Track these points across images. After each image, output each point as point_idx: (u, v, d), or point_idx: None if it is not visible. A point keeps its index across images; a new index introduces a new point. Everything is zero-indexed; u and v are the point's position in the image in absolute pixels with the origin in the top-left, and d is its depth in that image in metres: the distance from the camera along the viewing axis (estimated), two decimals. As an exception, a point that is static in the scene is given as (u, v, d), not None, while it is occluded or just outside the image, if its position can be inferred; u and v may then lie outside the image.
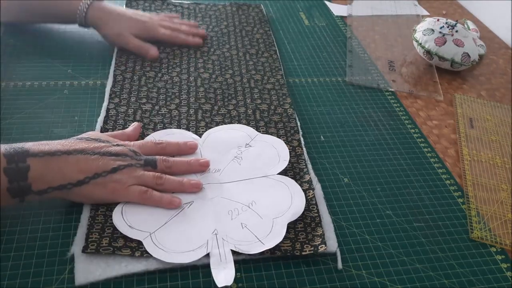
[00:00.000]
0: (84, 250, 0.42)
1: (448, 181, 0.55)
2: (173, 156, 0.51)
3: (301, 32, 0.83)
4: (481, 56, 0.80)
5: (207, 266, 0.42)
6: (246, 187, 0.50)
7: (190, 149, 0.53)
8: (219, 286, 0.40)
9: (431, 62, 0.76)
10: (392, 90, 0.70)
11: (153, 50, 0.69)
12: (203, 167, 0.51)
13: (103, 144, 0.47)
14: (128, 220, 0.44)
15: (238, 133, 0.57)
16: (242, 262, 0.43)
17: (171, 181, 0.48)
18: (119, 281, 0.41)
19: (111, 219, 0.45)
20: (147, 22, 0.71)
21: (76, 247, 0.42)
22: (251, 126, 0.58)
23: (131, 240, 0.43)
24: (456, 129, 0.64)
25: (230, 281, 0.41)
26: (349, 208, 0.50)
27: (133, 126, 0.55)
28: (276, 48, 0.75)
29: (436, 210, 0.51)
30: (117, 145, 0.48)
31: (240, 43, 0.75)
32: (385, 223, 0.49)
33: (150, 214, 0.46)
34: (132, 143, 0.50)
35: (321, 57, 0.76)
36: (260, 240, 0.44)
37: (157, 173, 0.48)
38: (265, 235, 0.45)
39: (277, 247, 0.44)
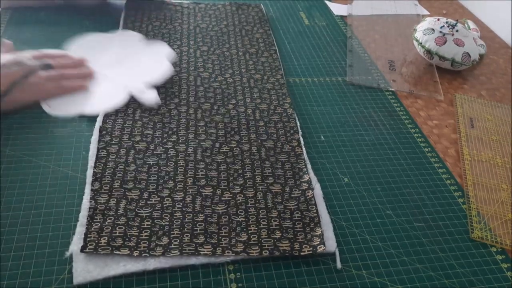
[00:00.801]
0: (83, 249, 0.42)
1: (448, 181, 0.55)
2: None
3: (301, 32, 0.83)
4: (481, 56, 0.80)
5: (207, 266, 0.42)
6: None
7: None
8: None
9: (431, 62, 0.76)
10: (392, 90, 0.70)
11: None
12: (81, 61, 0.63)
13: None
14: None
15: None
16: (242, 262, 0.43)
17: (71, 72, 0.60)
18: (119, 281, 0.41)
19: (110, 219, 0.45)
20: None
21: (75, 247, 0.42)
22: (250, 126, 0.58)
23: (130, 239, 0.43)
24: (456, 129, 0.64)
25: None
26: (349, 208, 0.50)
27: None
28: (276, 48, 0.75)
29: (436, 210, 0.51)
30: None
31: (240, 43, 0.75)
32: (385, 223, 0.49)
33: None
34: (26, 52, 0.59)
35: (321, 57, 0.76)
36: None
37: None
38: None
39: (276, 247, 0.44)
